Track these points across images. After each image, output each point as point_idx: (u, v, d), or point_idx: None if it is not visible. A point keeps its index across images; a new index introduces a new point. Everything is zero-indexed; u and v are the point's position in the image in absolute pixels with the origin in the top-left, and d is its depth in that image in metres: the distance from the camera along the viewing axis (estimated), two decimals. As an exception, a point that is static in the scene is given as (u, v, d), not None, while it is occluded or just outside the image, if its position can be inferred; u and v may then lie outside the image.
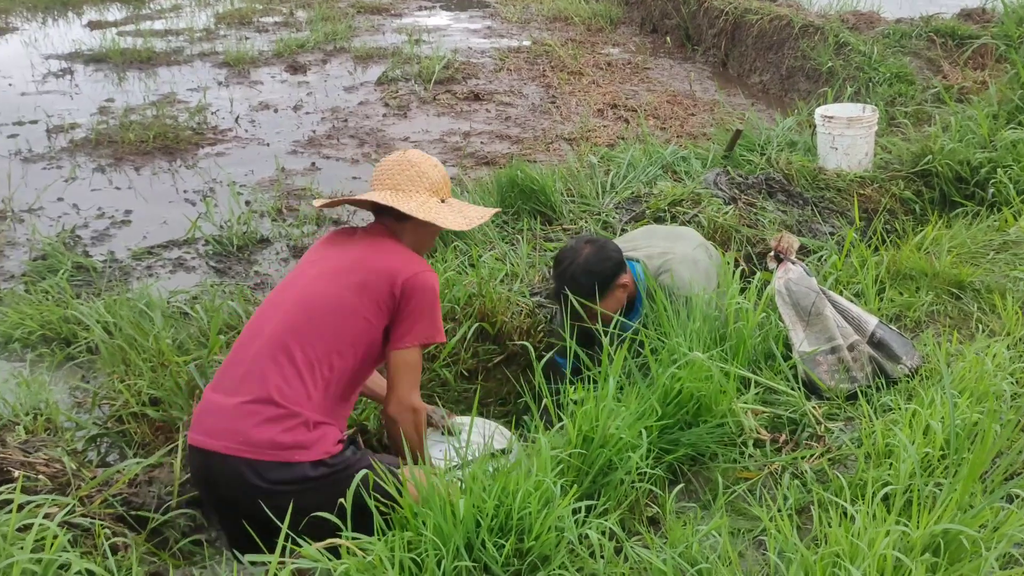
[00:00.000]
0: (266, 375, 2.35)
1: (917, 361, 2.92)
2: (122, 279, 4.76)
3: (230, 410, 2.33)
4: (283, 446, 2.28)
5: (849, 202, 5.07)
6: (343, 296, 2.46)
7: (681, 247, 3.30)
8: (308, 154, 7.09)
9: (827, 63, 7.54)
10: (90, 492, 2.69)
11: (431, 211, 2.58)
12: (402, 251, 2.59)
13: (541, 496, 2.10)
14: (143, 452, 3.17)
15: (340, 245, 2.63)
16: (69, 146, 7.15)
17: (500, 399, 3.60)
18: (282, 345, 2.38)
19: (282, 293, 2.55)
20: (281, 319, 2.44)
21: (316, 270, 2.55)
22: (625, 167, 5.44)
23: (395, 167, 2.65)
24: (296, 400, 2.34)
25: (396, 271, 2.48)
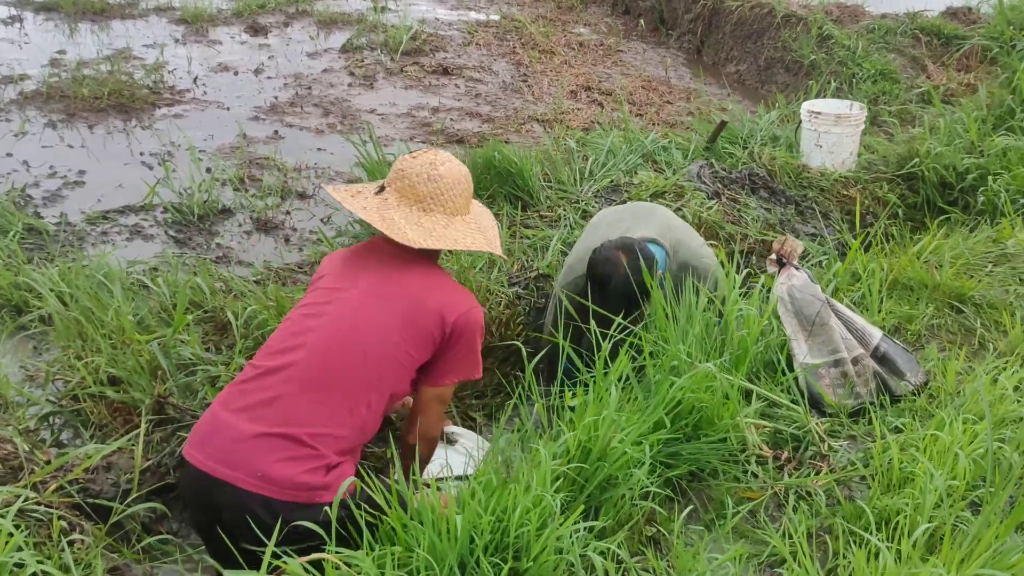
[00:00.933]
0: (297, 410, 2.14)
1: (921, 378, 2.83)
2: (76, 244, 4.46)
3: (249, 439, 2.10)
4: (305, 487, 2.08)
5: (832, 202, 5.00)
6: (390, 334, 2.26)
7: (673, 219, 3.23)
8: (271, 121, 6.78)
9: (810, 56, 7.44)
10: (44, 478, 2.48)
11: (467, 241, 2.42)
12: (449, 284, 2.43)
13: (540, 513, 1.95)
14: (100, 434, 2.95)
15: (380, 269, 2.38)
16: (18, 98, 6.72)
17: (476, 392, 3.44)
18: (319, 380, 2.18)
19: (319, 317, 2.30)
20: (320, 349, 2.22)
21: (359, 299, 2.31)
22: (604, 154, 5.28)
23: (421, 177, 2.38)
24: (326, 442, 2.13)
25: (447, 309, 2.33)
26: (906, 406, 2.71)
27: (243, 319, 3.27)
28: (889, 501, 2.16)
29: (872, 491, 2.23)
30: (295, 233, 4.92)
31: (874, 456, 2.37)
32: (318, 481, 2.09)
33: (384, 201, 2.39)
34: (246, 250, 4.68)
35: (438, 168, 2.39)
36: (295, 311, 2.39)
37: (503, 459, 2.15)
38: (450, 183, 2.40)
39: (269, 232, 4.91)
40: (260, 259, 4.54)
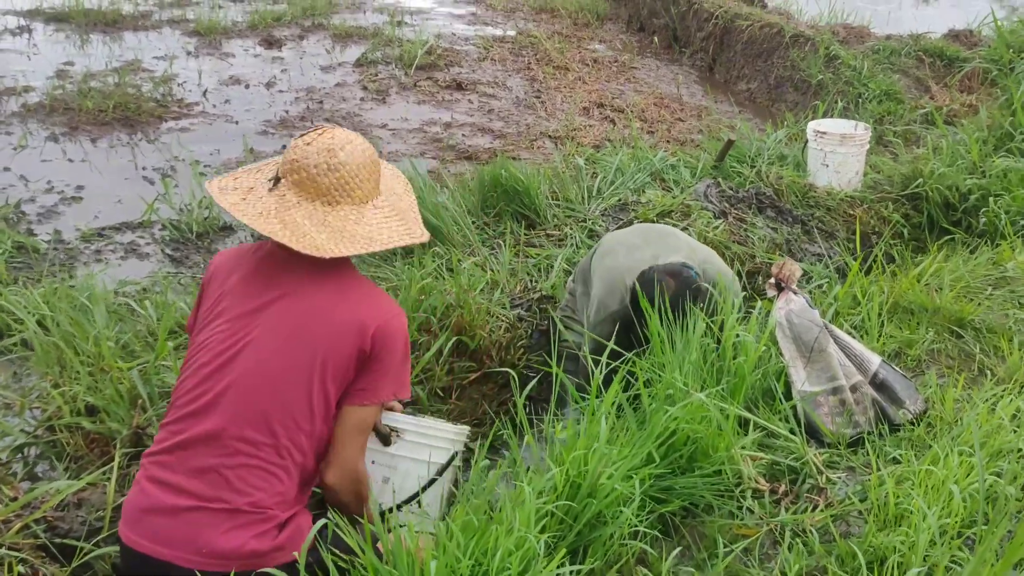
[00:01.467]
0: (230, 478, 1.96)
1: (920, 406, 2.75)
2: (67, 264, 4.42)
3: (185, 513, 1.94)
4: (258, 554, 1.93)
5: (838, 222, 4.91)
6: (309, 365, 2.03)
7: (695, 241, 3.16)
8: (279, 136, 6.76)
9: (817, 76, 7.39)
10: (9, 516, 2.40)
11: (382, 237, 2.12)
12: (364, 291, 2.16)
13: (523, 556, 1.87)
14: (75, 466, 2.84)
15: (286, 291, 2.09)
16: (21, 111, 6.73)
17: (475, 420, 3.37)
18: (240, 436, 1.98)
19: (229, 371, 2.03)
20: (235, 400, 2.00)
21: (265, 333, 2.05)
22: (613, 172, 5.22)
23: (320, 167, 2.07)
24: (269, 502, 1.98)
25: (364, 323, 2.06)
26: (905, 435, 2.63)
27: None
28: (884, 539, 2.08)
29: (867, 528, 2.15)
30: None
31: (870, 490, 2.28)
32: (269, 545, 1.95)
33: (282, 199, 2.08)
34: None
35: (338, 155, 2.07)
36: (200, 351, 2.10)
37: (484, 496, 2.07)
38: (354, 170, 2.09)
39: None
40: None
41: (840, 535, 2.20)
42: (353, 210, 2.10)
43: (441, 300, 3.40)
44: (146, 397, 2.94)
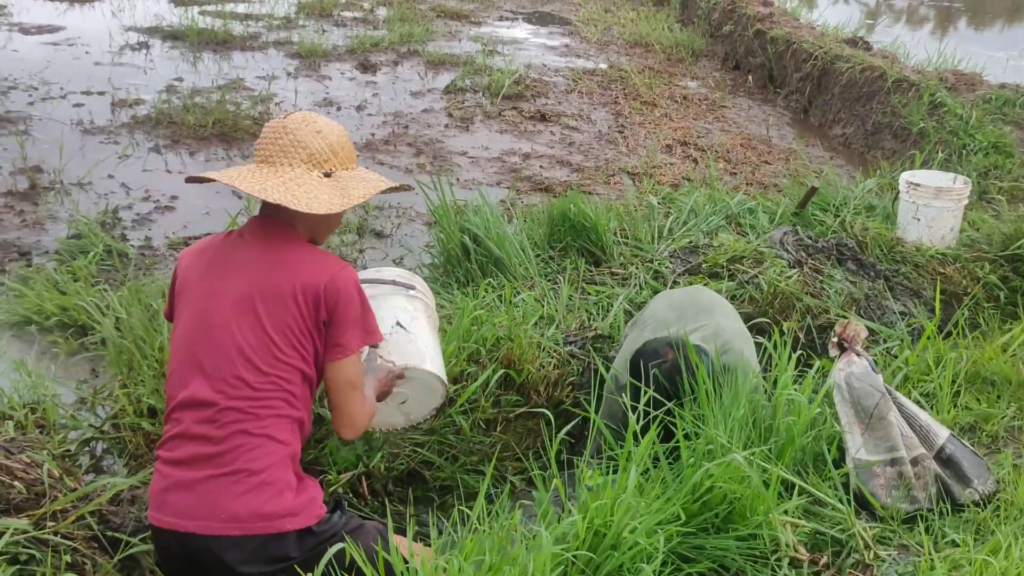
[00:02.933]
0: (225, 442, 2.08)
1: (991, 487, 2.56)
2: (149, 269, 4.59)
3: (198, 484, 2.06)
4: (272, 516, 2.03)
5: (926, 280, 4.68)
6: (271, 335, 2.12)
7: (726, 321, 2.99)
8: (363, 158, 6.90)
9: (919, 123, 7.09)
10: (66, 506, 2.49)
11: (295, 190, 2.13)
12: (305, 251, 2.21)
13: (534, 607, 1.81)
14: (134, 463, 2.98)
15: (236, 264, 2.20)
16: (130, 122, 7.06)
17: (517, 456, 3.32)
18: (233, 409, 2.09)
19: (199, 340, 2.16)
20: (214, 377, 2.11)
21: (225, 307, 2.15)
22: (686, 213, 5.12)
23: (269, 135, 2.24)
24: (273, 464, 2.09)
25: (310, 283, 2.13)
26: (968, 517, 2.45)
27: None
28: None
29: (912, 615, 2.01)
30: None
31: (920, 574, 2.13)
32: (283, 507, 2.05)
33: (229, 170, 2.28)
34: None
35: (288, 120, 2.26)
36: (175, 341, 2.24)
37: (500, 535, 2.02)
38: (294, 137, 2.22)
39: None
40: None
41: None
42: (292, 170, 2.19)
43: (493, 332, 3.38)
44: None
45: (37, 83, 7.66)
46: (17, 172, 5.72)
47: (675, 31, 11.96)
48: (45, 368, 3.50)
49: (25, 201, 5.39)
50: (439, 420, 3.16)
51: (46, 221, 5.15)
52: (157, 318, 3.41)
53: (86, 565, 2.36)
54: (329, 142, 2.27)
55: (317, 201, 2.15)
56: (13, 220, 5.09)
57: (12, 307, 3.87)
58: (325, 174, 2.23)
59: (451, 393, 3.14)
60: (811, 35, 9.67)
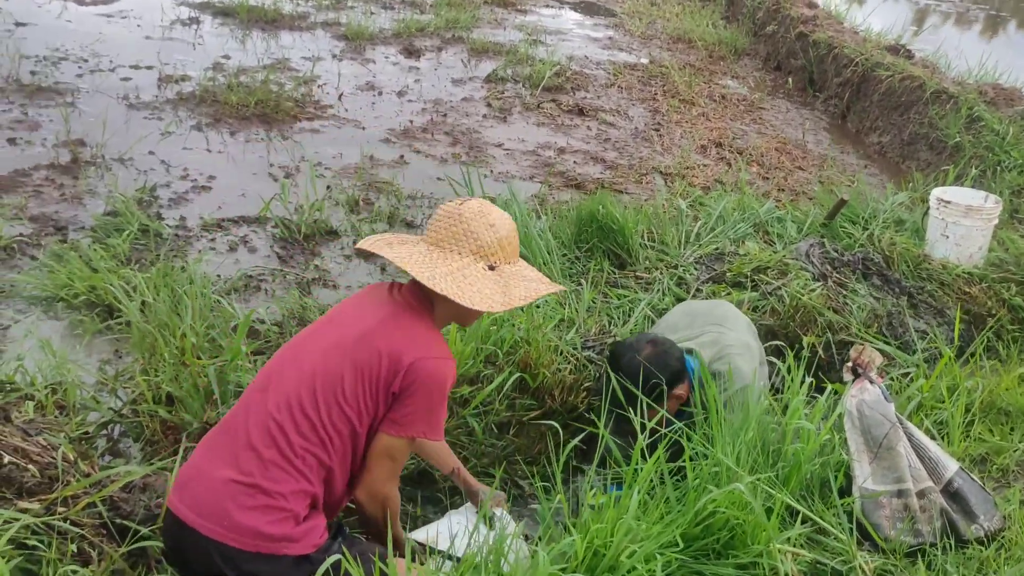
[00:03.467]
0: (260, 456, 2.12)
1: (997, 523, 2.56)
2: (182, 250, 4.68)
3: (218, 485, 2.11)
4: (270, 538, 2.07)
5: (951, 298, 4.64)
6: (342, 378, 2.18)
7: (732, 333, 3.00)
8: (400, 145, 6.94)
9: (955, 136, 6.98)
10: (77, 492, 2.57)
11: (460, 281, 2.21)
12: (419, 328, 2.26)
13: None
14: (150, 449, 3.06)
15: (363, 310, 2.32)
16: (175, 98, 7.15)
17: (529, 459, 3.36)
18: (278, 425, 2.14)
19: (297, 353, 2.28)
20: (285, 391, 2.18)
21: (330, 340, 2.26)
22: (715, 218, 5.11)
23: (444, 219, 2.32)
24: (290, 493, 2.11)
25: (401, 355, 2.18)
26: (972, 554, 2.45)
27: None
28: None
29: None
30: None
31: (916, 611, 2.14)
32: (284, 532, 2.08)
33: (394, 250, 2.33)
34: (342, 274, 4.78)
35: (463, 207, 2.32)
36: (283, 348, 2.37)
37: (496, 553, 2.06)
38: (467, 227, 2.28)
39: (369, 259, 5.00)
40: (354, 285, 4.64)
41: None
42: (459, 260, 2.26)
43: (511, 334, 3.42)
44: (219, 394, 3.08)
45: (88, 55, 7.78)
46: (60, 145, 5.83)
47: (719, 28, 11.85)
48: (69, 347, 3.59)
49: (66, 175, 5.50)
50: (452, 421, 3.21)
51: (85, 196, 5.25)
52: (182, 304, 3.48)
53: (92, 553, 2.43)
54: (499, 236, 2.31)
55: (480, 296, 2.22)
56: (53, 193, 5.20)
57: (43, 283, 3.97)
58: (490, 267, 2.29)
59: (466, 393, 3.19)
60: (853, 40, 9.54)
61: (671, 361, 2.84)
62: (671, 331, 3.14)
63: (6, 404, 2.94)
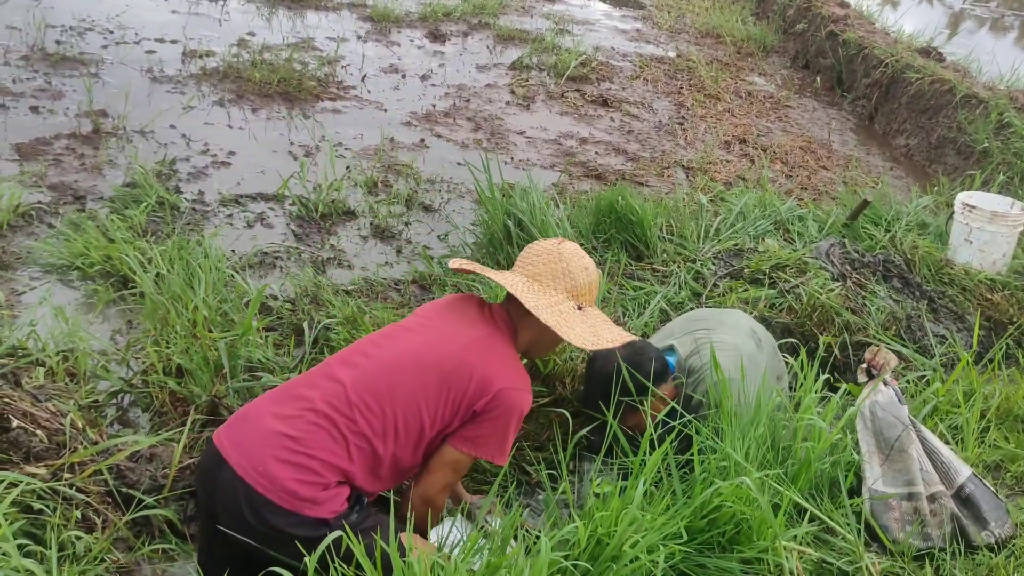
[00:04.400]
0: (318, 423, 2.18)
1: (1008, 531, 2.52)
2: (199, 225, 4.68)
3: (267, 433, 2.17)
4: (296, 495, 2.11)
5: (971, 304, 4.57)
6: (427, 383, 2.27)
7: (722, 334, 2.95)
8: (421, 129, 6.92)
9: (983, 142, 6.88)
10: (84, 459, 2.57)
11: (557, 315, 2.38)
12: (510, 357, 2.40)
13: (526, 608, 1.84)
14: (158, 420, 3.06)
15: (457, 320, 2.45)
16: (198, 73, 7.15)
17: (537, 445, 3.34)
18: (347, 403, 2.22)
19: (385, 341, 2.39)
20: (362, 375, 2.27)
21: (420, 339, 2.38)
22: (735, 214, 5.06)
23: (543, 255, 2.50)
24: (329, 463, 2.17)
25: (492, 380, 2.30)
26: (981, 560, 2.41)
27: (316, 331, 3.33)
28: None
29: (907, 656, 1.99)
30: (409, 246, 4.97)
31: (921, 616, 2.11)
32: (308, 493, 2.11)
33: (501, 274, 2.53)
34: (357, 255, 4.77)
35: (562, 248, 2.52)
36: (375, 333, 2.48)
37: (500, 537, 2.04)
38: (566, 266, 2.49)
39: (385, 240, 5.00)
40: (370, 265, 4.63)
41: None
42: (555, 295, 2.45)
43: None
44: (228, 368, 3.08)
45: (114, 27, 7.79)
46: (83, 115, 5.85)
47: (748, 24, 11.73)
48: (82, 316, 3.60)
49: (87, 144, 5.51)
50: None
51: (104, 166, 5.26)
52: (196, 277, 3.48)
53: (97, 520, 2.44)
54: (590, 280, 2.52)
55: (574, 332, 2.39)
56: (73, 163, 5.22)
57: (59, 251, 3.98)
58: (578, 307, 2.47)
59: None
60: (884, 41, 9.41)
61: (644, 362, 2.80)
62: (667, 336, 3.11)
63: (17, 369, 2.95)
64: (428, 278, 4.39)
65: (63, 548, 2.24)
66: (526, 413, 2.38)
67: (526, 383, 2.38)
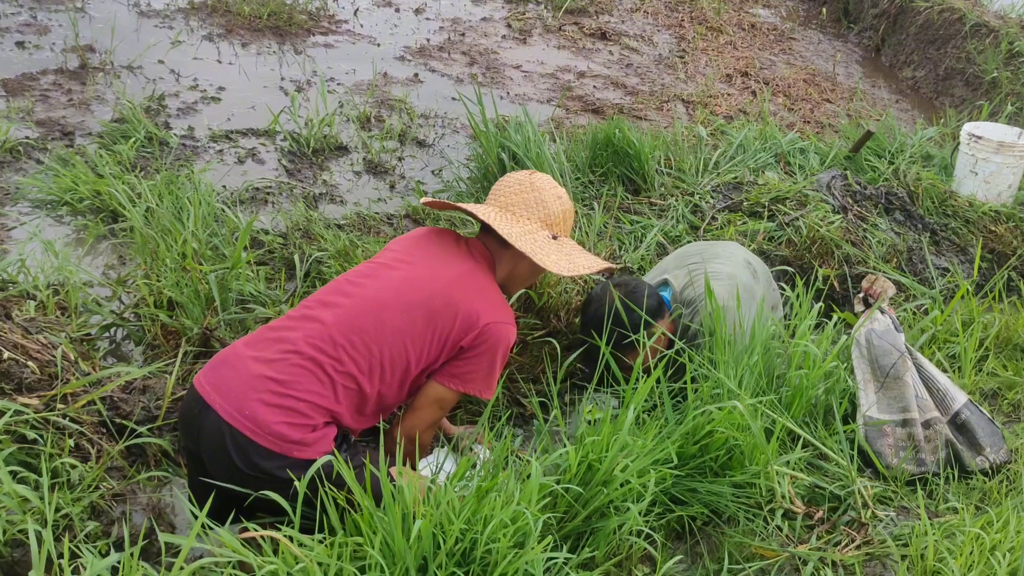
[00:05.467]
0: (303, 365, 2.14)
1: (1003, 456, 2.51)
2: (189, 160, 4.60)
3: (250, 376, 2.12)
4: (285, 438, 2.08)
5: (975, 237, 4.51)
6: (414, 321, 2.24)
7: (716, 265, 2.91)
8: (415, 63, 6.78)
9: (992, 72, 6.74)
10: (76, 390, 2.56)
11: (532, 243, 2.36)
12: (493, 292, 2.38)
13: (516, 531, 1.83)
14: (151, 353, 3.04)
15: (436, 256, 2.40)
16: (186, 7, 6.99)
17: (532, 377, 3.32)
18: (331, 343, 2.17)
19: (362, 279, 2.33)
20: (345, 313, 2.23)
21: (401, 276, 2.33)
22: (735, 147, 4.97)
23: (515, 186, 2.48)
24: (317, 404, 2.14)
25: (478, 316, 2.27)
26: (975, 485, 2.40)
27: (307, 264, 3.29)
28: (913, 595, 1.92)
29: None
30: (403, 180, 4.90)
31: (912, 538, 2.10)
32: (298, 436, 2.08)
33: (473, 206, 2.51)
34: (350, 190, 4.70)
35: (533, 177, 2.50)
36: (350, 272, 2.42)
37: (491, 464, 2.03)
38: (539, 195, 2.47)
39: (378, 175, 4.92)
40: (363, 200, 4.57)
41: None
42: (529, 224, 2.43)
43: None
44: (219, 301, 3.05)
45: (97, -41, 7.60)
46: (69, 50, 5.73)
47: (752, -47, 11.42)
48: (72, 251, 3.56)
49: (74, 80, 5.41)
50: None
51: (92, 102, 5.16)
52: (185, 211, 3.43)
53: (91, 450, 2.43)
54: (564, 209, 2.51)
55: (549, 259, 2.38)
56: (60, 99, 5.12)
57: (48, 186, 3.92)
58: (553, 236, 2.45)
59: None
60: (893, -31, 9.18)
61: (640, 298, 2.75)
62: (661, 272, 3.07)
63: (7, 301, 2.92)
64: (422, 212, 4.33)
65: (56, 475, 2.23)
66: (512, 346, 2.36)
67: (510, 317, 2.36)
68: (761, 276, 2.99)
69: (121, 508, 2.33)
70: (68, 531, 2.06)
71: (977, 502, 2.32)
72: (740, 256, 3.03)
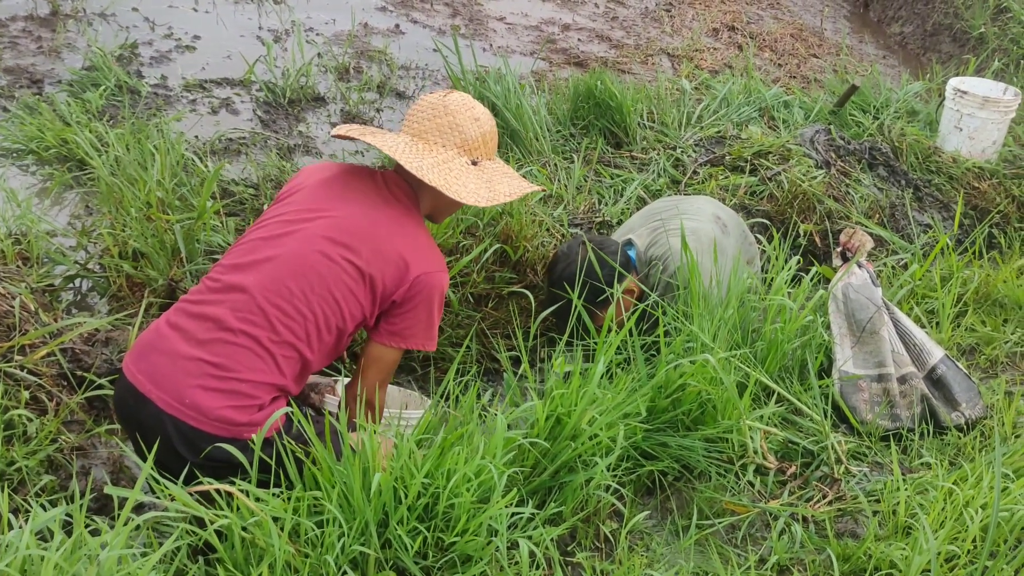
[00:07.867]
0: (237, 341, 2.01)
1: (979, 412, 2.49)
2: (161, 110, 4.49)
3: (184, 361, 1.99)
4: (232, 422, 1.97)
5: (958, 193, 4.47)
6: (342, 278, 2.09)
7: (688, 222, 2.83)
8: (396, 14, 6.62)
9: (979, 27, 6.65)
10: (35, 341, 2.49)
11: (446, 174, 2.18)
12: (422, 237, 2.22)
13: (479, 486, 1.79)
14: (116, 304, 2.97)
15: (354, 202, 2.21)
16: (161, -49, 6.79)
17: (507, 333, 3.27)
18: (261, 313, 2.03)
19: (278, 246, 2.13)
20: (267, 278, 2.07)
21: (321, 228, 2.14)
22: (718, 101, 4.89)
23: (427, 110, 2.27)
24: (261, 382, 2.02)
25: (407, 268, 2.14)
26: (949, 440, 2.38)
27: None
28: (883, 549, 1.90)
29: (868, 533, 1.96)
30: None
31: (884, 493, 2.08)
32: (245, 418, 1.98)
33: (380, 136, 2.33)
34: (326, 141, 4.60)
35: (447, 99, 2.30)
36: (258, 228, 2.23)
37: (456, 420, 1.98)
38: (453, 120, 2.27)
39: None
40: (338, 152, 4.48)
41: (839, 533, 2.03)
42: (444, 152, 2.24)
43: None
44: (185, 252, 2.98)
45: (67, -99, 7.34)
46: (39, -4, 5.56)
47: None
48: (37, 201, 3.46)
49: (44, 27, 5.24)
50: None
51: (63, 50, 5.01)
52: (151, 160, 3.34)
53: (49, 403, 2.36)
54: (483, 131, 2.30)
55: (466, 190, 2.20)
56: (30, 46, 4.97)
57: (13, 134, 3.81)
58: (472, 162, 2.27)
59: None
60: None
61: (606, 256, 2.68)
62: (628, 231, 2.99)
63: (-38, 250, 2.85)
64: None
65: (11, 427, 2.17)
66: (446, 292, 2.24)
67: (441, 263, 2.24)
68: (733, 230, 2.92)
69: (81, 462, 2.28)
70: (22, 485, 2.01)
71: (951, 458, 2.30)
72: (708, 211, 2.96)
